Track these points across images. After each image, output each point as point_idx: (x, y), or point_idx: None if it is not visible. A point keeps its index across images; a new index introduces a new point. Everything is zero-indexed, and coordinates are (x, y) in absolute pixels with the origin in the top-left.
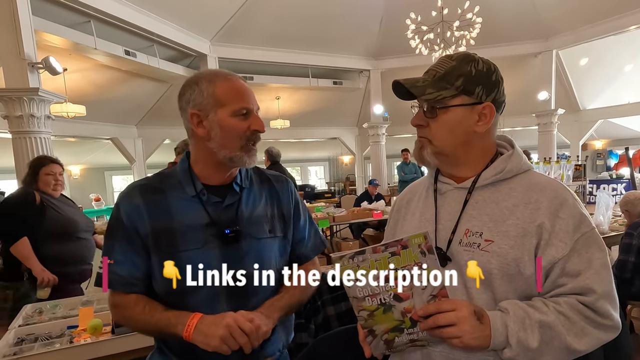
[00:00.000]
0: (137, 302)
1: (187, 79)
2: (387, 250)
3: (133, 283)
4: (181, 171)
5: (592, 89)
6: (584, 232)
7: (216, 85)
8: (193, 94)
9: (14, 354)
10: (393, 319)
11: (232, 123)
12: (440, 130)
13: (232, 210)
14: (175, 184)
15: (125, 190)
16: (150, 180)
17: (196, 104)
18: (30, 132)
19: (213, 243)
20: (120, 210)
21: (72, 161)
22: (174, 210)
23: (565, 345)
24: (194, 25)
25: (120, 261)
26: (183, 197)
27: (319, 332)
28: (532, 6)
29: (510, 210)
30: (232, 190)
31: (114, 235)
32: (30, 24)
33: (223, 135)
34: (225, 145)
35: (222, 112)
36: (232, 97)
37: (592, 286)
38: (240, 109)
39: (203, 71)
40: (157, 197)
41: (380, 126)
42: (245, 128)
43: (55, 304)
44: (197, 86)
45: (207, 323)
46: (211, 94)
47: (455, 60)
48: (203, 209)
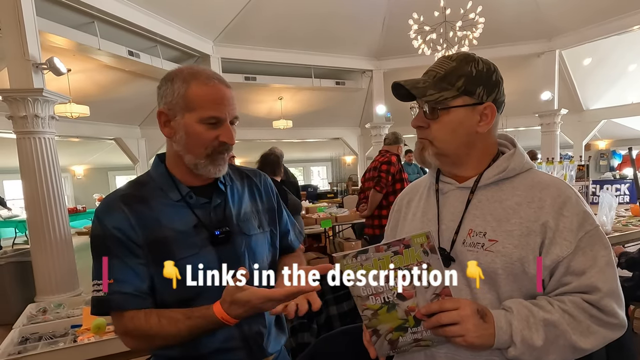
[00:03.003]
0: (148, 315)
1: (167, 72)
2: (389, 250)
3: (143, 297)
4: (159, 176)
5: (596, 89)
6: (588, 230)
7: (190, 86)
8: (166, 91)
9: (18, 353)
10: (397, 317)
11: (199, 130)
12: (441, 131)
13: (221, 210)
14: (156, 191)
15: (105, 204)
16: (127, 190)
17: (166, 102)
18: (35, 133)
19: (208, 247)
20: (107, 224)
21: (75, 161)
22: (162, 218)
23: (571, 343)
24: (197, 25)
25: (122, 279)
26: (168, 203)
27: (321, 331)
28: (535, 6)
29: (514, 210)
30: (217, 190)
31: (108, 253)
32: (35, 25)
33: (187, 140)
34: (189, 150)
35: (189, 117)
36: (203, 103)
37: (597, 284)
38: (209, 117)
39: (186, 67)
40: (141, 206)
41: (382, 126)
42: (213, 138)
43: (59, 303)
44: (172, 84)
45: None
46: (182, 96)
47: (455, 61)
48: (192, 212)
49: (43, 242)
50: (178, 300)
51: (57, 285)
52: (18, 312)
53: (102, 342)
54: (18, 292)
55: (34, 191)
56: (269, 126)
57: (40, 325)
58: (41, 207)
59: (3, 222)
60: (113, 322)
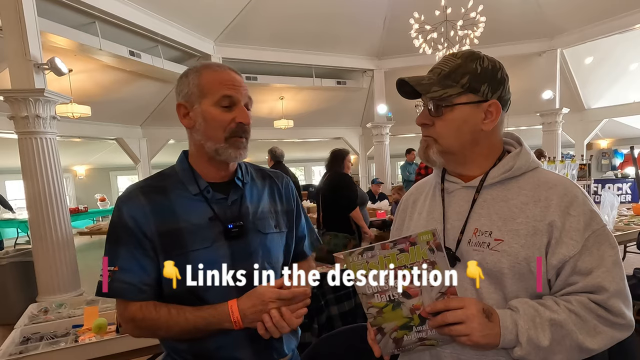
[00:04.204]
0: (156, 307)
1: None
2: (395, 247)
3: (143, 290)
4: (181, 170)
5: (597, 88)
6: (594, 230)
7: (202, 74)
8: (182, 86)
9: (19, 353)
10: (402, 316)
11: (215, 114)
12: (446, 128)
13: (237, 207)
14: (177, 184)
15: (125, 193)
16: (150, 181)
17: (183, 95)
18: (36, 133)
19: (221, 241)
20: (123, 213)
21: (77, 161)
22: (178, 210)
23: (577, 343)
24: (198, 25)
25: (128, 268)
26: (186, 196)
27: (322, 331)
28: (536, 5)
29: (520, 209)
30: (234, 187)
31: (117, 241)
32: (36, 25)
33: (206, 126)
34: (209, 136)
35: (205, 103)
36: (216, 86)
37: (604, 284)
38: (222, 98)
39: (197, 63)
40: (160, 197)
41: (383, 126)
42: (230, 119)
43: (61, 303)
44: (186, 77)
45: (251, 309)
46: (196, 84)
47: (461, 58)
48: (208, 206)
49: (44, 242)
50: (187, 289)
51: (59, 285)
52: (20, 312)
53: (103, 342)
54: (20, 292)
55: (36, 191)
56: (270, 126)
57: (42, 325)
58: (42, 207)
59: (5, 222)
60: (117, 308)
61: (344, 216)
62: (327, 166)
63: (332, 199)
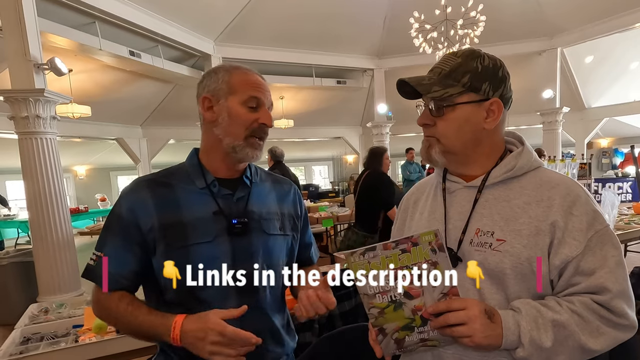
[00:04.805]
0: (120, 299)
1: (209, 69)
2: (397, 247)
3: (118, 281)
4: (190, 165)
5: (598, 87)
6: (597, 230)
7: (232, 74)
8: (209, 81)
9: (20, 353)
10: (403, 316)
11: (241, 112)
12: (448, 128)
13: (243, 204)
14: (184, 178)
15: (130, 185)
16: (156, 175)
17: (210, 89)
18: (36, 133)
19: (224, 236)
20: (122, 204)
21: (77, 161)
22: (182, 202)
23: (580, 344)
24: (198, 25)
25: (110, 257)
26: (192, 190)
27: (322, 331)
28: (536, 4)
29: (522, 209)
30: (242, 184)
31: (108, 230)
32: (36, 26)
33: (230, 122)
34: (230, 132)
35: (232, 100)
36: (245, 87)
37: (607, 285)
38: (250, 98)
39: (226, 63)
40: (165, 190)
41: (384, 125)
42: (253, 119)
43: (61, 303)
44: (216, 74)
45: (192, 332)
46: (226, 82)
47: (461, 57)
48: (213, 201)
49: (45, 243)
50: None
51: (59, 285)
52: (21, 312)
53: (103, 342)
54: (21, 292)
55: (36, 191)
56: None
57: (42, 326)
58: (43, 208)
59: (5, 222)
60: (93, 289)
61: (373, 214)
62: (365, 164)
63: (366, 196)
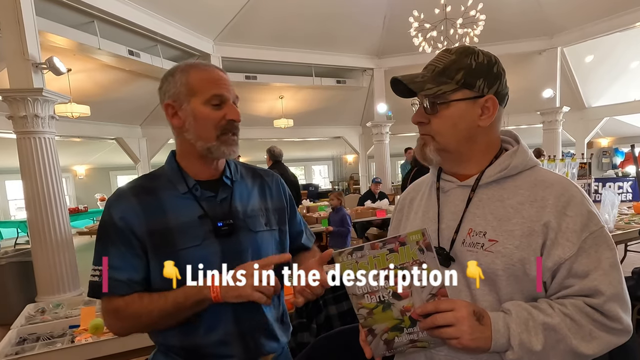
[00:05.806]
0: (139, 296)
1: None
2: (385, 247)
3: (133, 287)
4: (170, 170)
5: (598, 87)
6: (592, 231)
7: (189, 74)
8: (168, 85)
9: (16, 354)
10: (392, 317)
11: (206, 112)
12: (442, 126)
13: (227, 205)
14: (166, 183)
15: (116, 194)
16: (141, 181)
17: (170, 94)
18: (35, 133)
19: (211, 239)
20: (113, 213)
21: (77, 161)
22: (168, 208)
23: (572, 348)
24: (197, 25)
25: (117, 266)
26: (175, 195)
27: (320, 331)
28: (536, 3)
29: (516, 209)
30: (223, 185)
31: (107, 240)
32: (34, 25)
33: (197, 125)
34: (201, 135)
35: (195, 101)
36: (204, 85)
37: (601, 287)
38: (212, 97)
39: (182, 62)
40: (150, 197)
41: (384, 125)
42: (220, 117)
43: (58, 303)
44: (172, 77)
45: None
46: (184, 83)
47: (455, 54)
48: (198, 204)
49: (44, 242)
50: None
51: (58, 285)
52: (19, 312)
53: (99, 342)
54: (19, 292)
55: (35, 191)
56: (270, 125)
57: (38, 326)
58: (41, 207)
59: (5, 222)
60: (101, 303)
61: None
62: (412, 162)
63: None
